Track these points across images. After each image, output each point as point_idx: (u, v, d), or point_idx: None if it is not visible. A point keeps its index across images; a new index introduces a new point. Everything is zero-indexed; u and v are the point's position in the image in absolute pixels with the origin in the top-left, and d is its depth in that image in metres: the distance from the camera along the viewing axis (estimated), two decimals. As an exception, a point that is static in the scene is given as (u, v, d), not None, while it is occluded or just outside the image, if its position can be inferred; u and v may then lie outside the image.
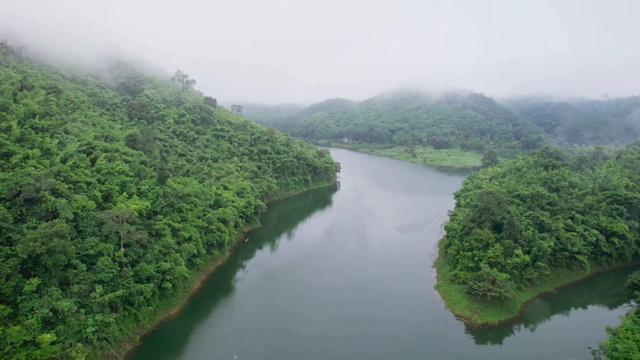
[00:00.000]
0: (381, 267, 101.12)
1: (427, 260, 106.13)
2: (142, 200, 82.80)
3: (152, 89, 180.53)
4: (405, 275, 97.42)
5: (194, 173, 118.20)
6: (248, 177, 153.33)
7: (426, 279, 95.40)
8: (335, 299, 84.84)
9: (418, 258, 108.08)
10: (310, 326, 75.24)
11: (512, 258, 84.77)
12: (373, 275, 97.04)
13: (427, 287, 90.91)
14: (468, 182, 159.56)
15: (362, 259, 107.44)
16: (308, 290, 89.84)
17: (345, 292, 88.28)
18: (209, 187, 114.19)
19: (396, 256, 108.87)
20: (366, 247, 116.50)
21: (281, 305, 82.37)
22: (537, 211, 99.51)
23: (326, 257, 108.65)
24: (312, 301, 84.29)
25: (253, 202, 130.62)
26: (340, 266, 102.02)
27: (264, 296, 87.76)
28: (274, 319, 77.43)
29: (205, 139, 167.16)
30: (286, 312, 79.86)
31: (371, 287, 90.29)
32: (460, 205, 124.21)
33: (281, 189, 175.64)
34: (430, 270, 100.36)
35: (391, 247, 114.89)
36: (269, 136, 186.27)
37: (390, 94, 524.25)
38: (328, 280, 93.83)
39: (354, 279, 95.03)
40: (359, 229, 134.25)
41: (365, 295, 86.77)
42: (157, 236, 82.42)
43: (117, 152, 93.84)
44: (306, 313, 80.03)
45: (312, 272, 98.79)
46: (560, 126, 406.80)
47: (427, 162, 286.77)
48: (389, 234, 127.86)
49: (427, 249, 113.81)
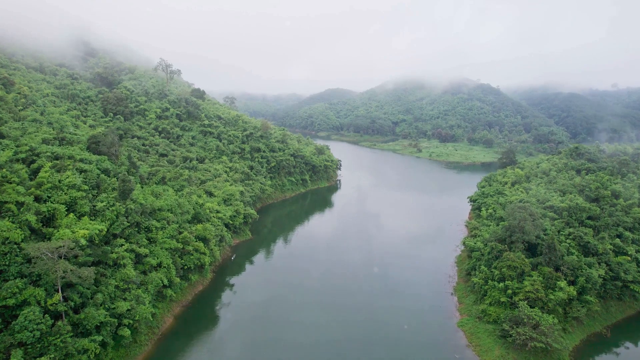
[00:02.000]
0: (391, 295, 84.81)
1: (444, 284, 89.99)
2: (95, 222, 66.15)
3: (133, 80, 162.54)
4: (420, 305, 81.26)
5: (172, 179, 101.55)
6: (239, 179, 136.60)
7: (446, 312, 79.23)
8: (333, 339, 68.79)
9: (434, 281, 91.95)
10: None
11: (555, 292, 68.49)
12: (381, 305, 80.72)
13: (449, 324, 74.76)
14: (485, 185, 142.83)
15: (367, 283, 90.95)
16: (301, 328, 73.56)
17: (348, 329, 72.13)
18: (188, 196, 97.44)
19: (408, 278, 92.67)
20: (372, 266, 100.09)
21: (272, 344, 66.47)
22: (578, 229, 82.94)
23: (324, 280, 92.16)
24: (306, 345, 68.07)
25: (242, 211, 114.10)
26: (342, 292, 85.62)
27: (251, 329, 72.12)
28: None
29: (191, 136, 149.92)
30: (277, 349, 64.05)
31: (380, 325, 73.95)
32: (482, 217, 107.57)
33: (276, 191, 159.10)
34: (450, 298, 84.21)
35: (401, 266, 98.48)
36: (262, 132, 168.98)
37: (392, 84, 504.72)
38: (325, 316, 77.37)
39: (359, 310, 78.78)
40: (363, 241, 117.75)
41: (373, 335, 70.62)
42: (115, 267, 66.07)
43: (71, 159, 76.91)
44: (301, 353, 64.23)
45: (307, 302, 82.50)
46: (570, 118, 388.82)
47: (433, 157, 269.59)
48: (397, 248, 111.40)
49: (444, 269, 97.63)
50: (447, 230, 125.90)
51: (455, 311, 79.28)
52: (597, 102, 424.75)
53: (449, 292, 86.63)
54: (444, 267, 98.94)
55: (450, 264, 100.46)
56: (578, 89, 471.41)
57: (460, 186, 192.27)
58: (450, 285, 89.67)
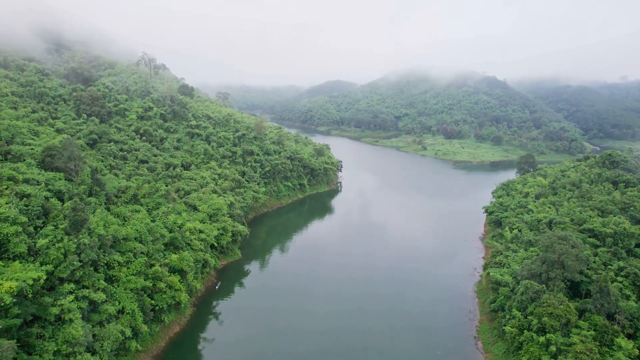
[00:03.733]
0: (402, 336, 71.14)
1: (465, 323, 76.26)
2: (31, 268, 52.02)
3: (113, 76, 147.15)
4: (437, 350, 67.67)
5: (147, 196, 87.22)
6: (228, 188, 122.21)
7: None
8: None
9: (451, 315, 78.30)
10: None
11: (614, 351, 54.75)
12: (391, 348, 67.16)
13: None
14: (502, 194, 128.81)
15: (374, 318, 77.17)
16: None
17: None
18: (164, 217, 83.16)
19: (420, 312, 79.01)
20: (378, 294, 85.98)
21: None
22: (630, 262, 68.94)
23: (322, 315, 78.42)
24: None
25: (230, 228, 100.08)
26: (343, 336, 71.91)
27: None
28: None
29: (176, 139, 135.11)
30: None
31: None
32: (506, 238, 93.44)
33: (271, 198, 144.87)
34: (473, 343, 70.56)
35: (412, 297, 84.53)
36: (256, 132, 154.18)
37: (395, 76, 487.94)
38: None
39: (366, 352, 65.42)
40: (367, 257, 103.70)
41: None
42: (58, 323, 52.17)
43: (12, 180, 62.53)
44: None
45: (304, 332, 68.94)
46: (580, 112, 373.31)
47: (439, 155, 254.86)
48: (407, 269, 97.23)
49: (462, 300, 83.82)
50: (461, 245, 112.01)
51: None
52: (608, 96, 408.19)
53: (473, 334, 72.95)
54: (463, 297, 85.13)
55: (470, 294, 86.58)
56: (587, 81, 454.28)
57: (471, 190, 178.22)
58: (473, 324, 75.90)
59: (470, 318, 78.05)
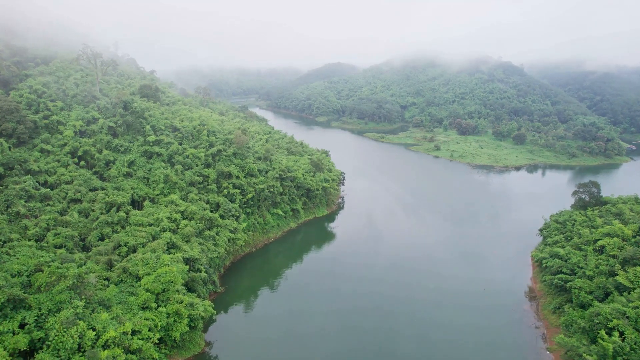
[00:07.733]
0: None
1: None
2: None
3: (47, 75, 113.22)
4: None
5: (45, 287, 55.82)
6: (194, 232, 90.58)
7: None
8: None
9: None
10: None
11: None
12: None
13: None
14: (554, 232, 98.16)
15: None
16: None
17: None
18: (72, 324, 51.73)
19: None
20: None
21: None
22: None
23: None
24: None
25: (186, 313, 69.07)
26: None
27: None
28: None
29: (128, 162, 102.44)
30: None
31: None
32: (603, 349, 61.97)
33: (255, 234, 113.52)
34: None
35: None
36: (237, 147, 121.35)
37: (400, 60, 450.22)
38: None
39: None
40: (379, 336, 72.94)
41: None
42: None
43: None
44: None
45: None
46: (606, 102, 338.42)
47: (455, 158, 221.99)
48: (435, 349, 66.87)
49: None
50: (509, 316, 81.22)
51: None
52: (636, 83, 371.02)
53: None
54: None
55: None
56: (611, 65, 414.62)
57: (505, 209, 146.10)
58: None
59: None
